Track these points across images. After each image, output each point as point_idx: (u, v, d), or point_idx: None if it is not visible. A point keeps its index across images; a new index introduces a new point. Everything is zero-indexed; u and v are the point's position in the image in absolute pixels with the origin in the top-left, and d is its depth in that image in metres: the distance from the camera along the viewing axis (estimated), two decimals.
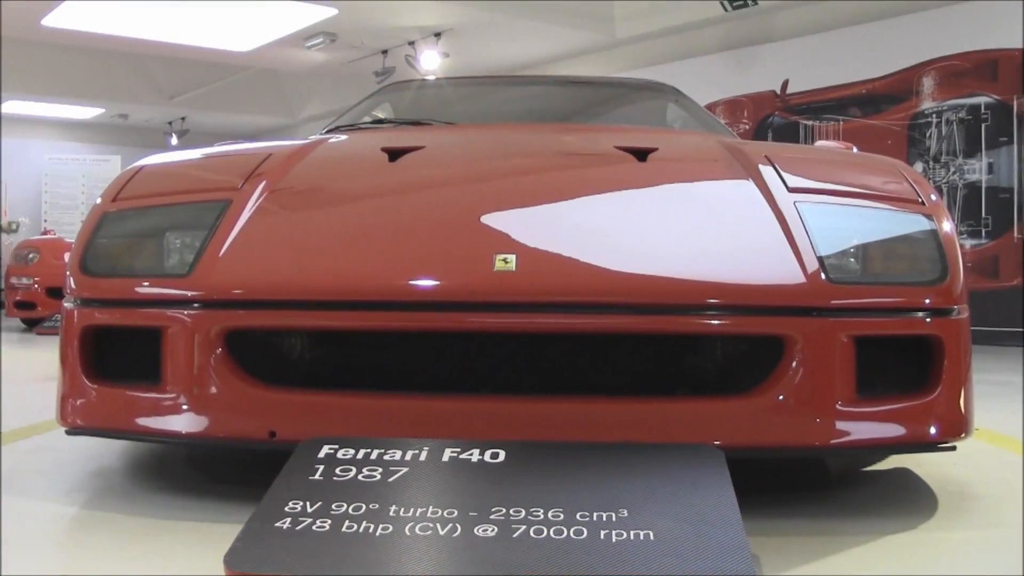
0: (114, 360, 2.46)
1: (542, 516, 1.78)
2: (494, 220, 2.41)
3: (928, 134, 9.44)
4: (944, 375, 2.31)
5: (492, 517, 1.78)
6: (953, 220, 2.46)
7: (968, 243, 9.03)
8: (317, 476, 1.96)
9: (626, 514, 1.80)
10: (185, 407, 2.32)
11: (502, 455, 2.03)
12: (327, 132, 3.85)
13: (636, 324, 2.24)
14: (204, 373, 2.31)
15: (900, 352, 2.36)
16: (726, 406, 2.26)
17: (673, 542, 1.71)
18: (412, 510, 1.81)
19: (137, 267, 2.46)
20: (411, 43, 12.31)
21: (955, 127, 9.24)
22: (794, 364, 2.22)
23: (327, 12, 11.24)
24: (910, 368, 2.35)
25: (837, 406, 2.23)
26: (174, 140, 17.96)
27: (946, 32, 9.31)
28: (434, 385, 2.42)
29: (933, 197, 2.52)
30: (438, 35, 12.00)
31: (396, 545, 1.70)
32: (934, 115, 9.41)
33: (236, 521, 1.96)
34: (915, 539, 2.18)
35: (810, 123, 10.47)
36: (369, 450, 2.06)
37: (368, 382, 2.48)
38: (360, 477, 1.95)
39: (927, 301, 2.31)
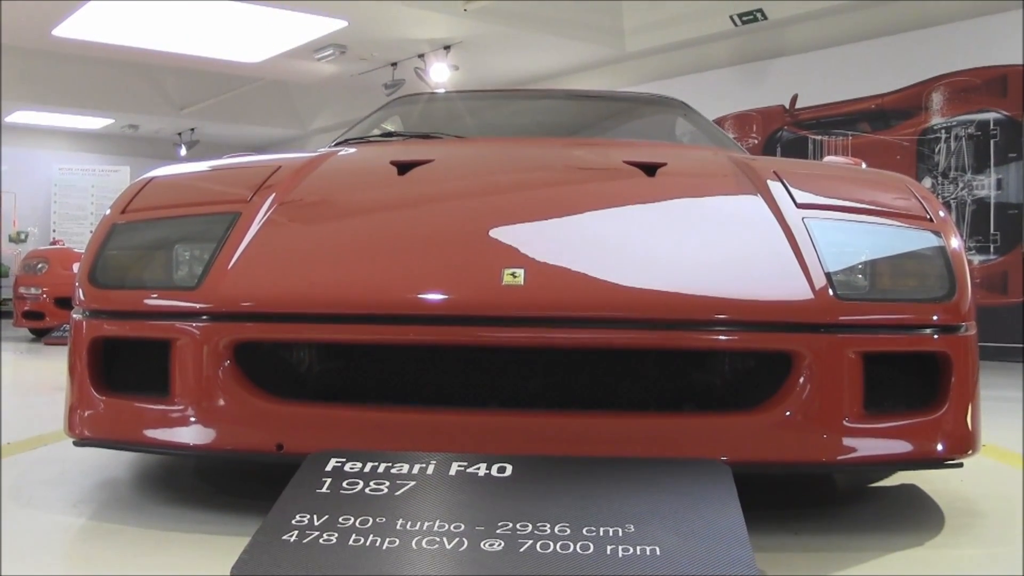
0: (122, 372, 2.47)
1: (549, 531, 1.78)
2: (503, 234, 2.41)
3: (937, 150, 9.44)
4: (952, 392, 2.30)
5: (499, 531, 1.78)
6: (961, 236, 2.46)
7: (976, 259, 9.01)
8: (324, 489, 1.96)
9: (632, 529, 1.80)
10: (193, 419, 2.32)
11: (509, 469, 2.03)
12: (336, 145, 3.86)
13: (644, 339, 2.24)
14: (212, 385, 2.31)
15: (908, 368, 2.36)
16: (733, 421, 2.26)
17: (679, 557, 1.71)
18: (419, 524, 1.81)
19: (146, 279, 2.47)
20: (421, 56, 12.33)
21: (964, 143, 9.24)
22: (802, 380, 2.22)
23: (337, 24, 11.26)
24: (918, 385, 2.35)
25: (844, 422, 2.23)
26: (184, 151, 18.01)
27: (955, 48, 9.31)
28: (441, 399, 2.42)
29: (941, 213, 2.52)
30: (448, 48, 12.02)
31: (403, 559, 1.70)
32: (943, 131, 9.41)
33: (243, 533, 1.97)
34: (921, 555, 2.17)
35: (819, 138, 10.47)
36: (376, 463, 2.06)
37: (375, 395, 2.49)
38: (367, 490, 1.95)
39: (935, 318, 2.31)
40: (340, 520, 1.83)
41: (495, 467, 2.04)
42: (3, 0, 10.41)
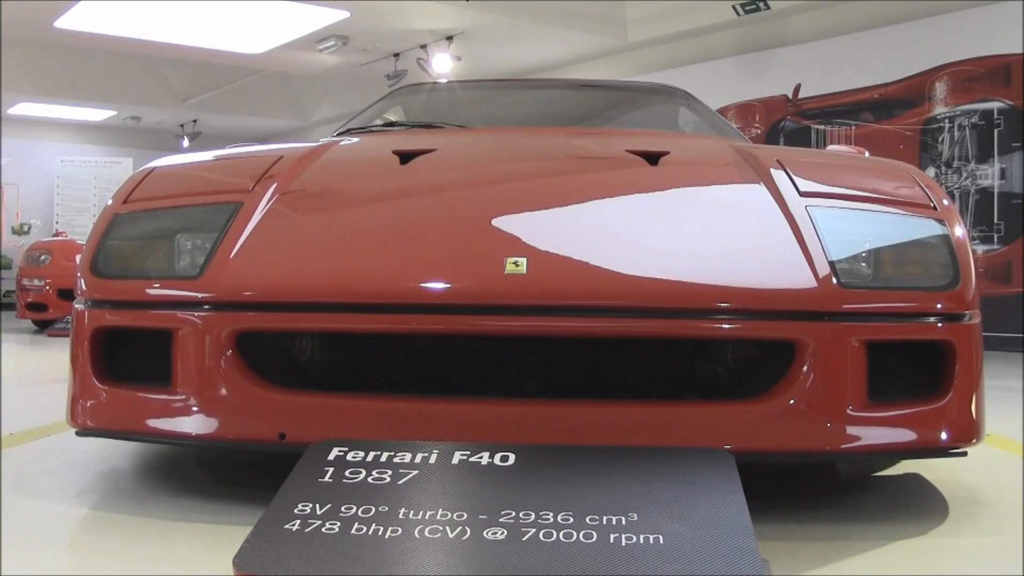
0: (125, 362, 2.46)
1: (551, 519, 1.78)
2: (505, 223, 2.41)
3: (940, 139, 9.42)
4: (955, 380, 2.30)
5: (502, 520, 1.78)
6: (965, 225, 2.45)
7: (980, 249, 9.00)
8: (327, 478, 1.96)
9: (636, 518, 1.79)
10: (195, 409, 2.32)
11: (512, 458, 2.03)
12: (338, 135, 3.85)
13: (647, 328, 2.24)
14: (214, 375, 2.31)
15: (911, 357, 2.35)
16: (737, 410, 2.25)
17: (682, 546, 1.70)
18: (421, 513, 1.81)
19: (148, 269, 2.46)
20: (423, 46, 12.32)
21: (967, 132, 9.22)
22: (805, 368, 2.21)
23: (339, 15, 11.25)
24: (921, 373, 2.34)
25: (848, 411, 2.22)
26: (186, 142, 18.01)
27: (959, 37, 9.28)
28: (444, 388, 2.42)
29: (945, 202, 2.51)
30: (450, 38, 12.00)
31: (405, 548, 1.70)
32: (947, 120, 9.39)
33: (246, 523, 1.97)
34: (925, 544, 2.17)
35: (822, 128, 10.45)
36: (379, 452, 2.06)
37: (377, 385, 2.48)
38: (370, 479, 1.95)
39: (938, 306, 2.30)
40: (343, 509, 1.83)
41: (498, 456, 2.04)
42: None
